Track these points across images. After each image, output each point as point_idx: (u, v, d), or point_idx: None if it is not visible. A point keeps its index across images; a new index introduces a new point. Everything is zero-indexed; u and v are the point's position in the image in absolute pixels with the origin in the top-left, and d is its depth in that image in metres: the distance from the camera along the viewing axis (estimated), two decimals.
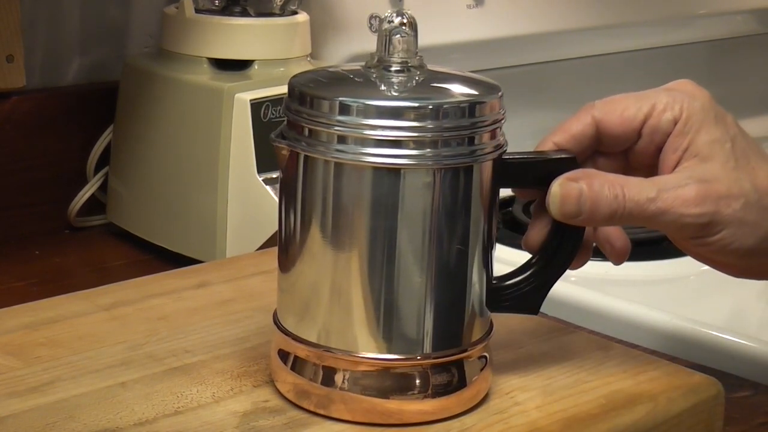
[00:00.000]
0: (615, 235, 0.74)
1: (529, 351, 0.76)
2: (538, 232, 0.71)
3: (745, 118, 1.63)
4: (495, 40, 1.33)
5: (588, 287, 0.97)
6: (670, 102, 0.71)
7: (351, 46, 1.19)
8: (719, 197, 0.69)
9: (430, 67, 0.68)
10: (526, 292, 0.71)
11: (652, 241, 1.09)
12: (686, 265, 1.09)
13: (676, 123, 0.70)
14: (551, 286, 0.72)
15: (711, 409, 0.74)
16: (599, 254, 0.75)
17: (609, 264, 1.04)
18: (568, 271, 0.72)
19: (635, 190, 0.68)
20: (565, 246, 0.71)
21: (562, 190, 0.68)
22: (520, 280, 0.71)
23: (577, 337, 0.79)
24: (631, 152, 0.72)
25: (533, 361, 0.75)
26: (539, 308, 0.72)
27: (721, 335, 0.91)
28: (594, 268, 1.05)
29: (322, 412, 0.67)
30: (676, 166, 0.70)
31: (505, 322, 0.73)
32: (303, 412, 0.67)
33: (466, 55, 1.30)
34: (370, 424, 0.66)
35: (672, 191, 0.69)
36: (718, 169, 0.69)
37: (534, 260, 0.71)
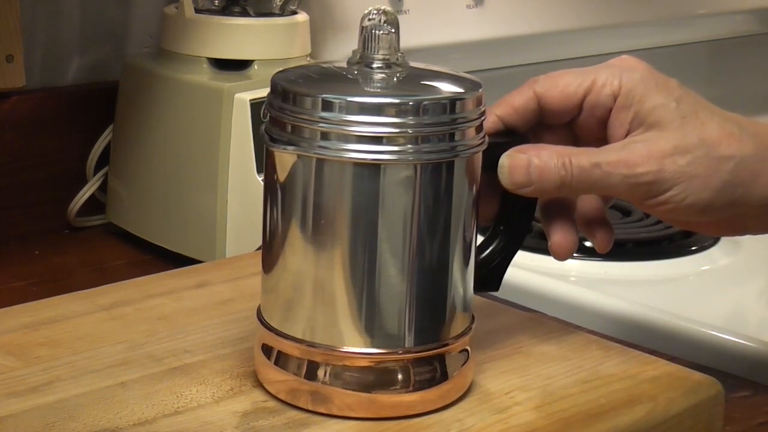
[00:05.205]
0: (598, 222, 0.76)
1: (529, 351, 0.76)
2: (489, 208, 0.73)
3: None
4: (495, 40, 1.32)
5: (588, 287, 0.97)
6: (609, 77, 0.72)
7: (351, 46, 1.18)
8: (663, 155, 0.70)
9: (412, 64, 0.69)
10: (488, 272, 0.73)
11: (652, 241, 1.09)
12: (686, 265, 1.09)
13: (616, 97, 0.72)
14: (510, 262, 0.73)
15: (711, 409, 0.74)
16: (599, 254, 0.75)
17: (609, 264, 1.04)
18: (567, 271, 0.72)
19: (581, 157, 0.70)
20: (517, 221, 0.73)
21: (511, 161, 0.70)
22: (482, 259, 0.72)
23: (577, 337, 0.79)
24: (577, 126, 0.74)
25: (533, 361, 0.75)
26: (500, 284, 0.73)
27: (720, 335, 0.91)
28: (594, 268, 1.06)
29: (310, 408, 0.67)
30: (625, 138, 0.72)
31: (505, 321, 0.73)
32: (302, 412, 0.67)
33: (466, 55, 1.30)
34: (369, 420, 0.67)
35: (615, 154, 0.70)
36: (662, 130, 0.71)
37: (489, 239, 0.73)
